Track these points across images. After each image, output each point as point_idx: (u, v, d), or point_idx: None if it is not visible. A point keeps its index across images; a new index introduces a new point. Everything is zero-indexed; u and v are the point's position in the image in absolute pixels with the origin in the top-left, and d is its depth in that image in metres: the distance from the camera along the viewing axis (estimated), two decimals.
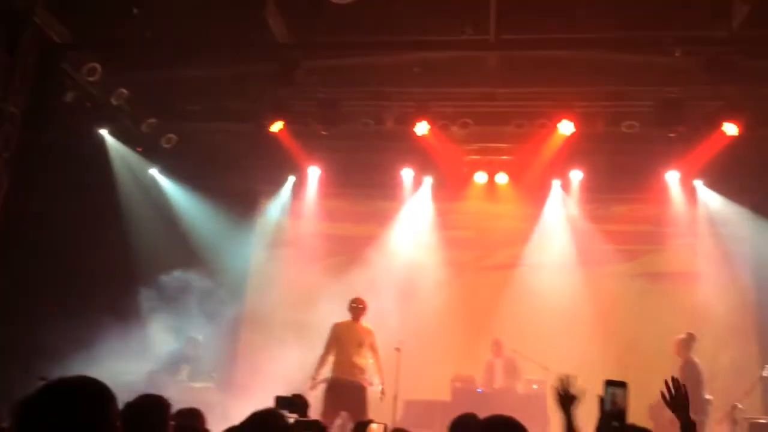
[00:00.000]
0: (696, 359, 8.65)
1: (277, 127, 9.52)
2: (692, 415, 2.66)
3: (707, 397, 8.25)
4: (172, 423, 3.05)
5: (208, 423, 4.08)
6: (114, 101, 8.64)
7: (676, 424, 2.81)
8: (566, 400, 3.01)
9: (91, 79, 8.06)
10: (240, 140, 10.32)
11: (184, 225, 10.61)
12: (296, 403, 2.19)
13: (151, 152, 10.22)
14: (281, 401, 3.38)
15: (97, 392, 1.94)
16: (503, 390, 9.60)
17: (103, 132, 9.57)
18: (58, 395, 1.88)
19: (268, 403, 3.91)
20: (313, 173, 11.19)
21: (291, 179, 11.40)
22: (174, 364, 9.02)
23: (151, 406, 2.96)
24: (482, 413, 3.14)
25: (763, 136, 9.20)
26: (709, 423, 7.99)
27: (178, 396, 6.61)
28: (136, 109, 9.22)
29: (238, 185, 10.94)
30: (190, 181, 10.67)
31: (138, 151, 10.13)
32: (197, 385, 8.98)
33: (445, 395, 9.48)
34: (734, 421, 7.82)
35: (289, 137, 9.87)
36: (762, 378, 8.52)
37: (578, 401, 3.04)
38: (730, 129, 8.89)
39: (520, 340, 9.91)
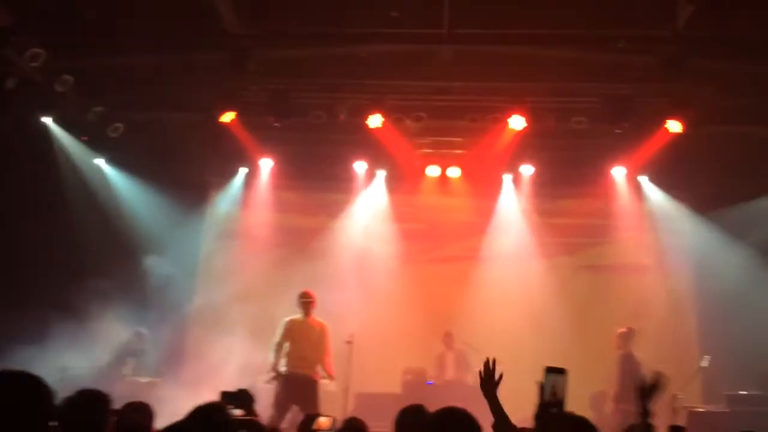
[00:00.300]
0: (634, 352, 8.91)
1: (228, 117, 9.39)
2: (626, 405, 2.71)
3: None
4: (114, 419, 2.98)
5: (156, 418, 4.01)
6: (58, 88, 8.35)
7: (617, 415, 2.88)
8: (489, 383, 3.02)
9: (34, 64, 7.76)
10: (190, 130, 10.12)
11: (132, 216, 10.38)
12: (242, 398, 2.17)
13: (98, 142, 9.95)
14: (227, 396, 3.34)
15: (31, 386, 1.89)
16: (454, 382, 9.73)
17: (47, 120, 9.29)
18: None
19: (218, 397, 3.87)
20: (266, 165, 11.08)
21: (243, 171, 11.27)
22: (119, 358, 8.84)
23: (90, 401, 2.90)
24: (432, 405, 3.17)
25: (704, 134, 9.49)
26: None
27: (123, 391, 6.51)
28: (81, 97, 8.93)
29: (188, 176, 10.75)
30: (138, 172, 10.45)
31: (83, 141, 9.85)
32: (144, 379, 8.83)
33: (396, 388, 9.54)
34: (674, 410, 8.07)
35: (240, 128, 9.75)
36: (701, 368, 8.81)
37: (499, 384, 3.04)
38: (674, 126, 9.17)
39: (472, 332, 10.05)
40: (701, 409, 8.50)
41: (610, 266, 11.11)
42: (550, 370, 2.35)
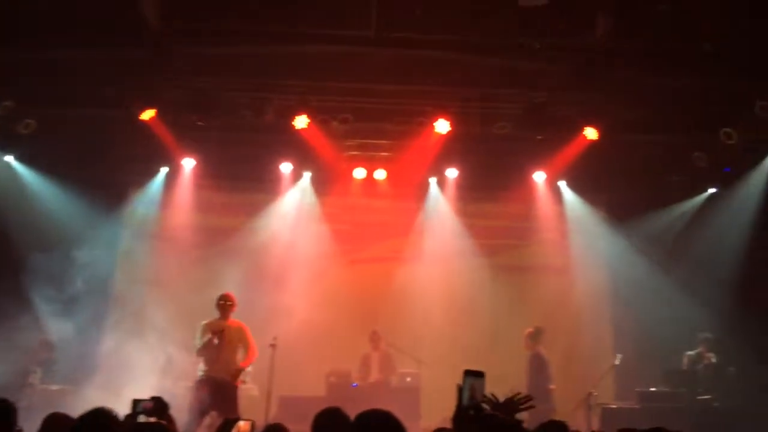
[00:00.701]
0: (542, 351, 9.21)
1: (147, 115, 9.10)
2: (538, 404, 2.78)
3: (551, 386, 8.97)
4: (18, 428, 2.84)
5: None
6: None
7: (533, 415, 2.93)
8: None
9: None
10: (108, 128, 9.72)
11: (45, 217, 9.90)
12: (155, 406, 2.09)
13: (7, 138, 9.44)
14: (137, 405, 3.21)
15: None
16: (378, 384, 9.75)
17: None
18: None
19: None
20: (188, 164, 10.80)
21: (164, 170, 10.95)
22: (25, 367, 8.41)
23: None
24: (357, 407, 3.17)
25: (619, 141, 9.91)
26: (553, 409, 8.61)
27: (31, 400, 6.18)
28: None
29: (105, 175, 10.31)
30: (51, 171, 9.97)
31: None
32: (54, 387, 8.44)
33: (320, 390, 9.48)
34: (589, 407, 8.38)
35: (161, 126, 9.48)
36: (613, 366, 9.18)
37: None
38: (590, 133, 9.54)
39: (397, 333, 10.12)
40: (614, 406, 8.86)
41: (529, 267, 11.42)
42: (469, 373, 2.40)
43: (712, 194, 10.73)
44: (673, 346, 9.43)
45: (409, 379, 9.80)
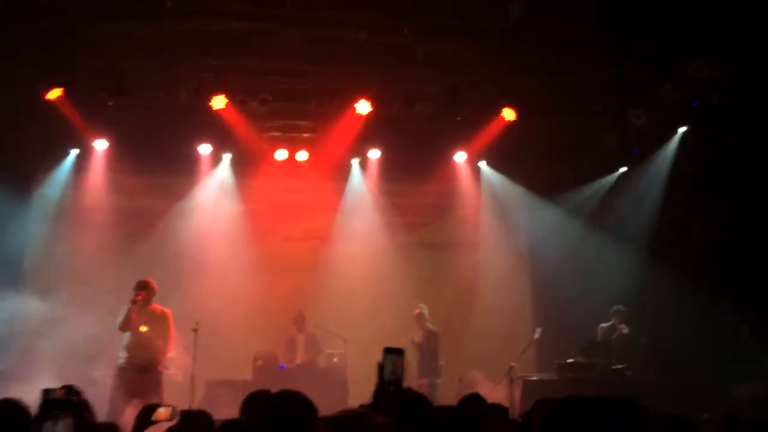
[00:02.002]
0: (433, 328, 9.50)
1: (54, 94, 8.66)
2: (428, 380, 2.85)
3: (441, 362, 9.44)
4: None
5: None
6: None
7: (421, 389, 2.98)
8: None
9: None
10: (11, 108, 9.16)
11: None
12: (67, 396, 1.98)
13: None
14: (46, 394, 3.02)
15: None
16: (305, 365, 9.74)
17: None
18: None
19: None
20: (100, 146, 10.36)
21: (74, 152, 10.47)
22: None
23: None
24: (284, 389, 3.14)
25: (535, 122, 10.17)
26: (441, 385, 9.14)
27: None
28: None
29: (9, 158, 9.75)
30: None
31: None
32: None
33: (247, 374, 9.39)
34: (511, 380, 8.63)
35: (69, 107, 9.03)
36: (533, 340, 9.49)
37: None
38: (508, 114, 9.75)
39: (320, 313, 10.13)
40: (534, 378, 9.15)
41: (450, 244, 11.66)
42: (389, 351, 2.42)
43: (623, 173, 11.19)
44: (589, 319, 9.83)
45: (336, 359, 9.84)
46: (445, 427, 2.46)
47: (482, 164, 11.52)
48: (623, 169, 11.21)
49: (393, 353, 2.41)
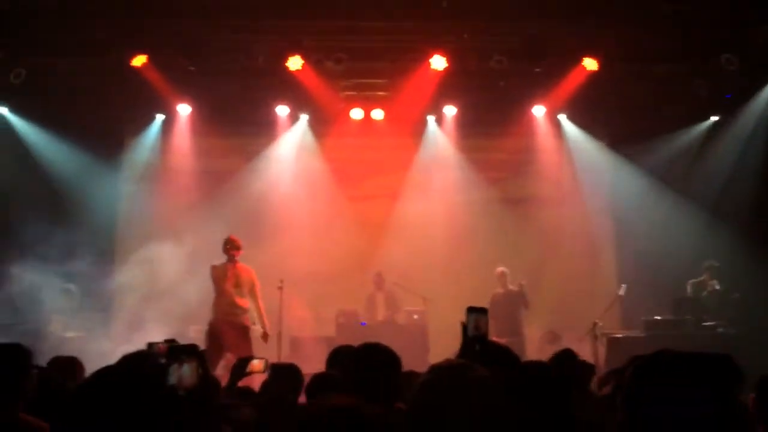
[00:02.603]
0: (514, 288, 9.59)
1: (138, 61, 8.95)
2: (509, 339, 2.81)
3: (521, 322, 9.51)
4: (36, 371, 2.86)
5: (86, 372, 3.90)
6: None
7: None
8: None
9: None
10: (100, 75, 9.52)
11: (44, 167, 9.84)
12: (193, 347, 2.11)
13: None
14: (152, 347, 3.24)
15: None
16: (385, 322, 9.89)
17: None
18: None
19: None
20: (183, 111, 10.69)
21: (159, 117, 10.84)
22: (45, 315, 8.52)
23: (6, 355, 2.76)
24: None
25: (619, 71, 9.75)
26: (520, 343, 9.09)
27: (50, 347, 6.28)
28: None
29: (101, 124, 10.20)
30: (46, 120, 9.85)
31: None
32: (70, 334, 8.56)
33: (329, 331, 9.63)
34: (595, 337, 8.50)
35: (154, 72, 9.31)
36: (618, 296, 9.27)
37: None
38: (590, 64, 9.38)
39: (399, 270, 10.21)
40: (619, 335, 8.97)
41: (528, 199, 11.37)
42: (472, 310, 2.41)
43: (715, 122, 10.62)
44: (678, 275, 9.51)
45: (416, 316, 9.93)
46: (537, 381, 2.44)
47: (562, 117, 11.18)
48: (714, 118, 10.62)
49: (476, 312, 2.40)
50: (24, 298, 8.30)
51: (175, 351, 2.12)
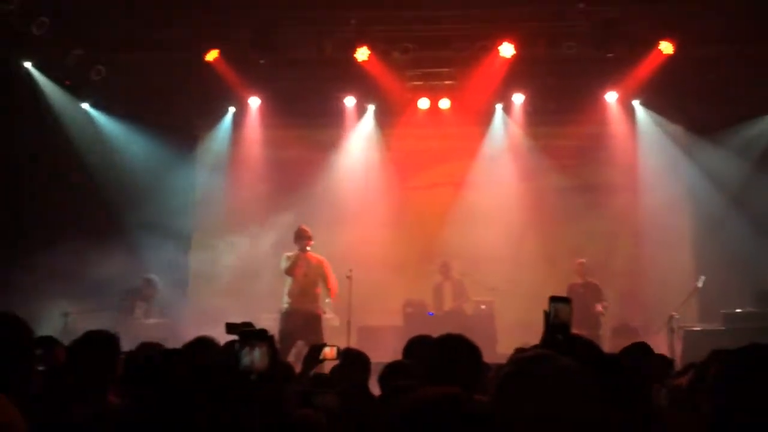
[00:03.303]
0: (593, 280, 9.31)
1: (211, 56, 9.19)
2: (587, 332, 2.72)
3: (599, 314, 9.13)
4: (123, 356, 3.00)
5: None
6: (35, 31, 8.09)
7: None
8: None
9: (8, 6, 7.51)
10: (174, 70, 9.86)
11: (123, 160, 10.26)
12: (264, 332, 2.16)
13: (81, 85, 9.73)
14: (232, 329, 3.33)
15: (12, 322, 1.96)
16: (453, 312, 9.86)
17: (28, 65, 9.09)
18: None
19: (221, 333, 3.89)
20: (254, 103, 10.92)
21: (231, 110, 11.12)
22: (129, 303, 8.92)
23: (96, 342, 2.91)
24: (434, 335, 3.21)
25: (696, 54, 9.38)
26: (602, 335, 8.82)
27: (133, 334, 6.57)
28: (60, 40, 8.69)
29: (175, 117, 10.58)
30: (124, 115, 10.26)
31: (67, 85, 9.63)
32: (151, 321, 8.92)
33: (397, 320, 9.68)
34: (671, 330, 8.24)
35: (225, 66, 9.55)
36: (696, 288, 8.95)
37: None
38: (666, 48, 9.05)
39: (467, 260, 10.17)
40: (697, 328, 8.66)
41: (600, 187, 11.04)
42: (555, 299, 2.36)
43: None
44: (760, 265, 9.10)
45: (483, 307, 9.87)
46: (614, 375, 2.38)
47: (635, 103, 10.84)
48: None
49: (559, 302, 2.35)
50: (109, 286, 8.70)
51: (246, 336, 2.18)
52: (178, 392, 1.33)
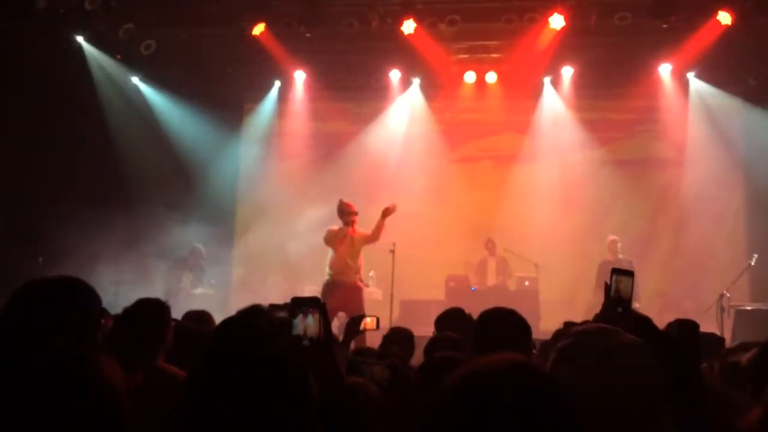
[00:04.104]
0: (625, 257, 9.09)
1: (258, 30, 9.23)
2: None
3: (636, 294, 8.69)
4: (174, 324, 3.07)
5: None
6: (88, 6, 8.25)
7: None
8: None
9: None
10: (222, 45, 9.97)
11: (171, 133, 10.45)
12: (316, 299, 2.19)
13: (132, 59, 9.91)
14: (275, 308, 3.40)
15: (80, 290, 1.99)
16: (496, 288, 9.82)
17: (80, 39, 9.28)
18: (41, 291, 1.93)
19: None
20: (299, 77, 10.95)
21: (277, 84, 11.18)
22: (176, 272, 9.14)
23: (149, 310, 2.98)
24: (476, 310, 3.18)
25: (757, 23, 9.00)
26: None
27: (181, 303, 6.74)
28: (111, 15, 8.83)
29: (222, 91, 10.70)
30: (172, 89, 10.42)
31: (118, 59, 9.82)
32: (198, 291, 9.13)
33: (440, 295, 9.68)
34: (722, 309, 8.05)
35: (272, 40, 9.58)
36: (749, 266, 8.70)
37: None
38: (724, 18, 8.70)
39: (511, 235, 10.10)
40: (749, 308, 8.43)
41: (651, 161, 10.86)
42: (617, 272, 2.30)
43: None
44: None
45: (527, 282, 9.79)
46: (667, 351, 2.33)
47: (690, 76, 10.48)
48: None
49: (621, 274, 2.30)
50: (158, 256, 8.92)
51: (298, 302, 2.20)
52: (232, 358, 1.36)
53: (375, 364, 2.43)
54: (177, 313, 4.25)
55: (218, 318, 4.33)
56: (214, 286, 9.43)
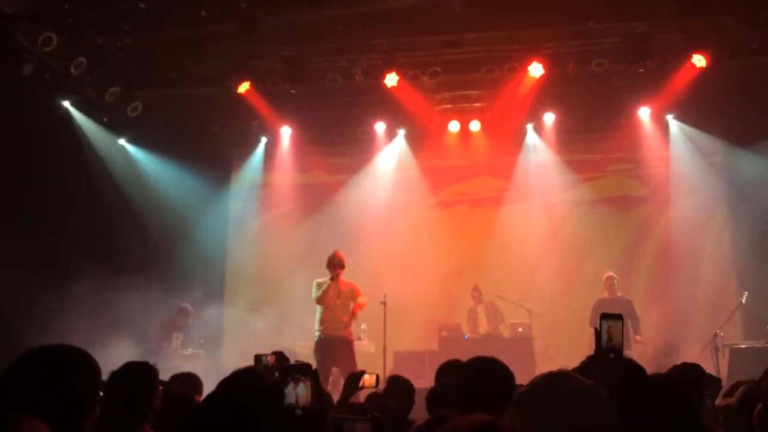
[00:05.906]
0: (624, 295, 9.14)
1: (243, 88, 9.36)
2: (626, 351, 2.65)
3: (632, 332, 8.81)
4: (162, 388, 3.02)
5: (204, 387, 4.08)
6: (74, 71, 8.36)
7: None
8: None
9: (47, 49, 7.78)
10: (207, 104, 10.12)
11: (159, 193, 10.48)
12: (307, 365, 2.16)
13: (118, 122, 10.00)
14: (260, 360, 3.34)
15: (79, 360, 1.94)
16: (489, 335, 9.73)
17: (67, 104, 9.37)
18: (38, 361, 1.88)
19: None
20: (285, 133, 11.07)
21: (263, 140, 11.28)
22: (166, 333, 9.02)
23: (137, 373, 2.94)
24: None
25: (729, 65, 9.23)
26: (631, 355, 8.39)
27: (170, 364, 6.64)
28: (97, 79, 8.96)
29: (210, 149, 10.80)
30: (160, 149, 10.50)
31: (104, 122, 9.90)
32: (187, 352, 9.00)
33: (433, 345, 9.59)
34: (716, 349, 8.01)
35: (257, 98, 9.72)
36: (740, 304, 8.70)
37: None
38: (699, 61, 8.92)
39: (502, 282, 10.08)
40: (743, 346, 8.40)
41: (636, 201, 11.00)
42: (606, 317, 2.30)
43: None
44: None
45: (520, 329, 9.71)
46: (663, 398, 2.32)
47: (670, 118, 10.69)
48: None
49: (609, 319, 2.29)
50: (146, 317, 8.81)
51: (289, 370, 2.18)
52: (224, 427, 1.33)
53: (357, 421, 2.40)
54: (168, 376, 4.20)
55: (207, 378, 4.28)
56: (203, 345, 9.31)
